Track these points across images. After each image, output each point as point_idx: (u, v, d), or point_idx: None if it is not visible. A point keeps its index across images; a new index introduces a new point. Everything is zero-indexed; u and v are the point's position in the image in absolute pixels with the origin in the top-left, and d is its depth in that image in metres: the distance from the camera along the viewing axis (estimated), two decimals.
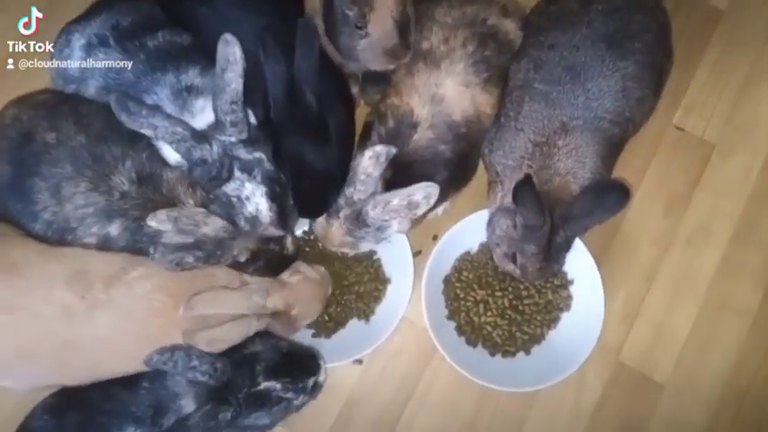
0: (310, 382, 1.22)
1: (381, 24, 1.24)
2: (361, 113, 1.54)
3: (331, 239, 1.34)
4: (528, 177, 1.21)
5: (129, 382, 1.18)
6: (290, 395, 1.17)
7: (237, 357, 1.15)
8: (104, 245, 1.21)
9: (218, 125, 1.20)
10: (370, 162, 1.23)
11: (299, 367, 1.22)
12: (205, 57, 1.32)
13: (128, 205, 1.19)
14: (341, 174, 1.30)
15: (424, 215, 1.32)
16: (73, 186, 1.19)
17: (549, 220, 1.23)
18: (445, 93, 1.34)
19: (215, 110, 1.19)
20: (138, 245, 1.21)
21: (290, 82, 1.20)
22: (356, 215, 1.27)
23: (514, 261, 1.32)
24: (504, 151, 1.36)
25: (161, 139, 1.19)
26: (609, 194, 1.23)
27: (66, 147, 1.21)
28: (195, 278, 1.22)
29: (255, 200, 1.21)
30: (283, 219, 1.26)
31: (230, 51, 1.15)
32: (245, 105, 1.22)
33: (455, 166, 1.35)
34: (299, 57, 1.18)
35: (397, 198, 1.22)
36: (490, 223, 1.39)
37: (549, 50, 1.35)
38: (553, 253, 1.28)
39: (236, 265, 1.28)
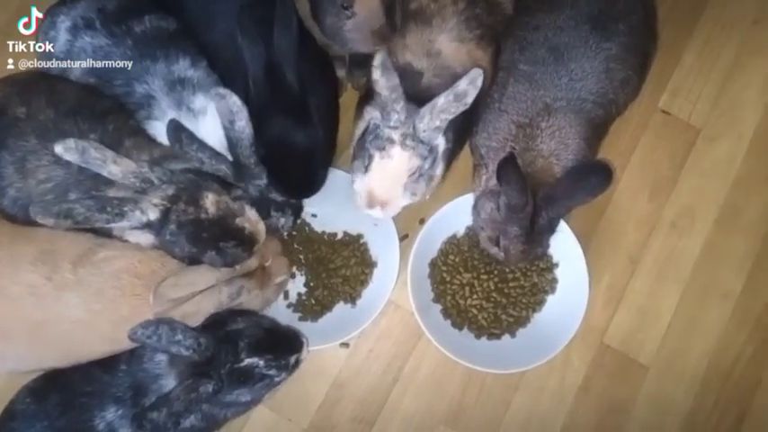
0: (292, 359, 1.22)
1: (368, 4, 1.23)
2: (349, 97, 1.54)
3: (397, 173, 1.25)
4: (512, 155, 1.22)
5: (108, 365, 1.19)
6: (272, 372, 1.17)
7: (221, 334, 1.15)
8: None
9: (243, 170, 1.25)
10: (381, 76, 1.21)
11: (282, 344, 1.22)
12: (192, 44, 1.34)
13: (83, 176, 1.19)
14: (326, 152, 1.30)
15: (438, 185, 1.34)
16: (36, 160, 1.20)
17: (531, 200, 1.24)
18: (441, 48, 1.33)
19: (236, 157, 1.24)
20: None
21: (269, 61, 1.20)
22: (412, 133, 1.24)
23: (498, 244, 1.33)
24: (488, 133, 1.37)
25: (207, 170, 1.24)
26: (591, 176, 1.24)
27: (35, 120, 1.21)
28: (164, 258, 1.20)
29: (287, 224, 1.37)
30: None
31: (230, 103, 1.19)
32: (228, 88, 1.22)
33: (461, 123, 1.32)
34: (278, 35, 1.18)
35: (442, 97, 1.21)
36: (475, 207, 1.40)
37: (533, 31, 1.36)
38: (536, 235, 1.28)
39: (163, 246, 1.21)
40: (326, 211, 1.50)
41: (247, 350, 1.15)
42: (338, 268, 1.48)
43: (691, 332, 1.53)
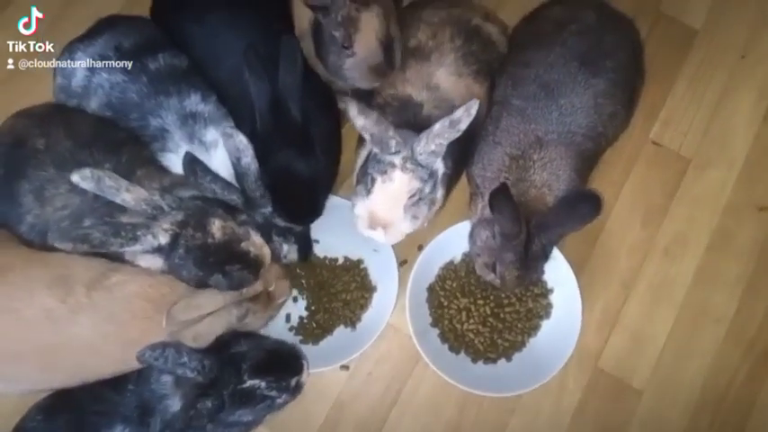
0: (293, 381, 1.26)
1: (366, 44, 1.32)
2: (351, 128, 1.61)
3: (398, 194, 1.30)
4: (504, 185, 1.27)
5: (117, 384, 1.23)
6: (273, 393, 1.21)
7: (224, 356, 1.19)
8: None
9: (249, 202, 1.32)
10: (363, 120, 1.26)
11: (284, 366, 1.26)
12: (202, 79, 1.42)
13: (98, 204, 1.25)
14: (327, 180, 1.37)
15: (438, 210, 1.40)
16: (54, 188, 1.26)
17: (525, 228, 1.29)
18: (439, 82, 1.40)
19: (243, 190, 1.32)
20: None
21: (274, 96, 1.27)
22: (410, 156, 1.28)
23: (494, 270, 1.38)
24: (483, 164, 1.43)
25: (220, 199, 1.31)
26: (581, 204, 1.29)
27: (53, 151, 1.28)
28: (173, 282, 1.25)
29: (290, 256, 1.43)
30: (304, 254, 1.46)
31: (237, 141, 1.27)
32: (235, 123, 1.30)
33: (459, 151, 1.38)
34: (283, 72, 1.26)
35: (439, 123, 1.25)
36: (471, 235, 1.45)
37: (525, 68, 1.42)
38: (530, 261, 1.33)
39: (171, 270, 1.26)
40: (328, 237, 1.56)
41: (250, 372, 1.19)
42: (339, 292, 1.53)
43: (684, 356, 1.56)
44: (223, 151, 1.34)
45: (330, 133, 1.45)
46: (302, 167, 1.31)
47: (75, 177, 1.17)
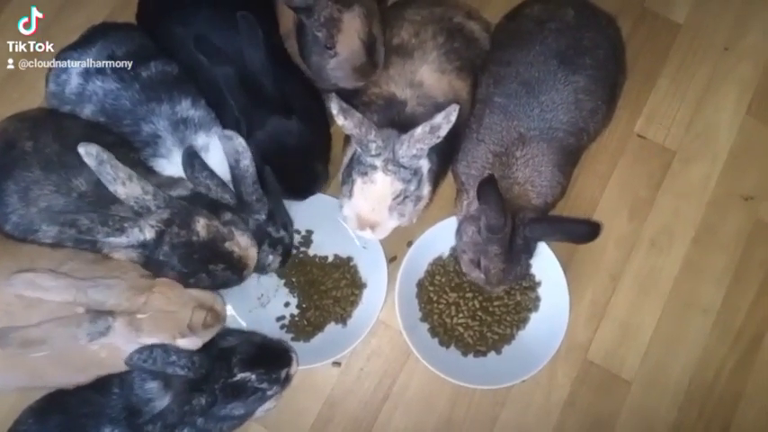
0: (283, 373, 1.28)
1: (349, 45, 1.34)
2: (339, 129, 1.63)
3: (381, 197, 1.31)
4: (491, 177, 1.29)
5: (101, 387, 1.24)
6: (264, 385, 1.23)
7: (214, 351, 1.21)
8: (58, 245, 1.27)
9: (244, 206, 1.34)
10: (344, 120, 1.25)
11: (273, 359, 1.28)
12: (192, 85, 1.44)
13: (82, 203, 1.27)
14: (319, 147, 1.40)
15: (426, 206, 1.41)
16: (38, 189, 1.28)
17: (510, 222, 1.31)
18: (423, 79, 1.42)
19: (239, 194, 1.33)
20: (81, 242, 1.24)
21: (243, 75, 1.29)
22: (391, 158, 1.29)
23: (479, 266, 1.39)
24: (467, 161, 1.44)
25: (212, 197, 1.32)
26: (581, 226, 1.33)
27: (40, 153, 1.30)
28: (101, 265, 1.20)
29: (273, 266, 1.43)
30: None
31: (236, 144, 1.29)
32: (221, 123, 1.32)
33: (445, 146, 1.37)
34: (247, 48, 1.28)
35: (420, 128, 1.26)
36: (458, 231, 1.46)
37: (506, 66, 1.44)
38: (514, 254, 1.35)
39: (153, 265, 1.25)
40: (318, 235, 1.58)
41: (240, 365, 1.21)
42: (329, 290, 1.54)
43: (672, 347, 1.58)
44: (214, 155, 1.37)
45: (315, 108, 1.47)
46: (288, 133, 1.33)
47: (81, 149, 1.17)
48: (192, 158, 1.32)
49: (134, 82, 1.40)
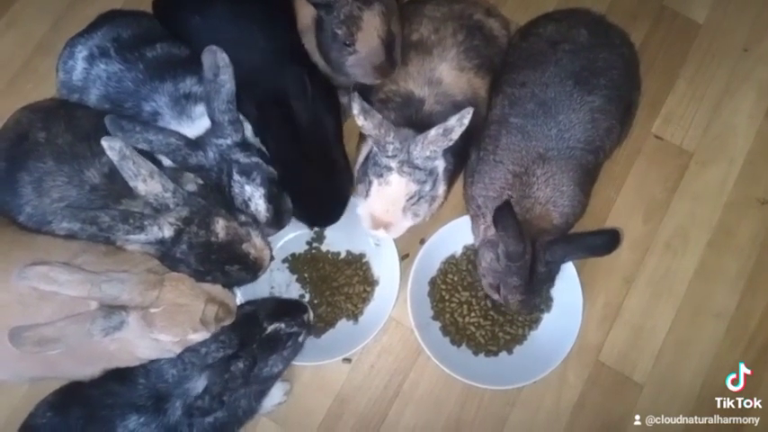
0: (305, 317, 1.33)
1: (368, 42, 1.32)
2: (352, 123, 1.61)
3: (395, 198, 1.30)
4: (507, 202, 1.27)
5: (125, 378, 1.23)
6: (294, 329, 1.28)
7: (239, 317, 1.23)
8: (71, 237, 1.25)
9: (214, 127, 1.29)
10: (364, 120, 1.25)
11: (292, 308, 1.33)
12: (201, 67, 1.41)
13: (95, 196, 1.26)
14: (348, 183, 1.46)
15: (440, 205, 1.42)
16: (51, 180, 1.27)
17: (530, 248, 1.27)
18: (442, 77, 1.41)
19: (211, 112, 1.28)
20: (98, 237, 1.21)
21: (293, 133, 1.32)
22: (406, 159, 1.28)
23: (499, 291, 1.37)
24: (485, 183, 1.41)
25: (157, 152, 1.27)
26: (599, 237, 1.30)
27: (53, 144, 1.30)
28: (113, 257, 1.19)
29: (255, 201, 1.32)
30: (278, 218, 1.38)
31: (219, 57, 1.25)
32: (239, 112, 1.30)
33: (460, 146, 1.35)
34: (296, 105, 1.28)
35: (433, 130, 1.25)
36: (477, 255, 1.43)
37: (521, 87, 1.43)
38: (535, 285, 1.32)
39: (168, 260, 1.24)
40: (330, 231, 1.57)
41: (268, 319, 1.26)
42: (341, 286, 1.54)
43: (685, 351, 1.57)
44: (208, 121, 1.31)
45: (336, 135, 1.49)
46: (330, 184, 1.40)
47: (104, 143, 1.17)
48: (116, 122, 1.23)
49: (138, 62, 1.38)
